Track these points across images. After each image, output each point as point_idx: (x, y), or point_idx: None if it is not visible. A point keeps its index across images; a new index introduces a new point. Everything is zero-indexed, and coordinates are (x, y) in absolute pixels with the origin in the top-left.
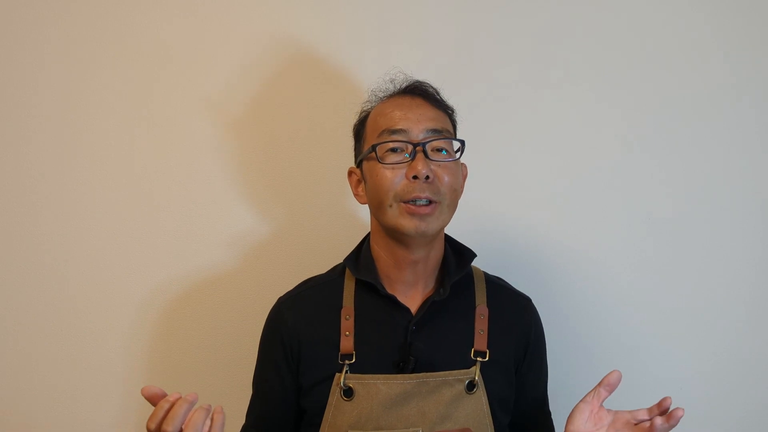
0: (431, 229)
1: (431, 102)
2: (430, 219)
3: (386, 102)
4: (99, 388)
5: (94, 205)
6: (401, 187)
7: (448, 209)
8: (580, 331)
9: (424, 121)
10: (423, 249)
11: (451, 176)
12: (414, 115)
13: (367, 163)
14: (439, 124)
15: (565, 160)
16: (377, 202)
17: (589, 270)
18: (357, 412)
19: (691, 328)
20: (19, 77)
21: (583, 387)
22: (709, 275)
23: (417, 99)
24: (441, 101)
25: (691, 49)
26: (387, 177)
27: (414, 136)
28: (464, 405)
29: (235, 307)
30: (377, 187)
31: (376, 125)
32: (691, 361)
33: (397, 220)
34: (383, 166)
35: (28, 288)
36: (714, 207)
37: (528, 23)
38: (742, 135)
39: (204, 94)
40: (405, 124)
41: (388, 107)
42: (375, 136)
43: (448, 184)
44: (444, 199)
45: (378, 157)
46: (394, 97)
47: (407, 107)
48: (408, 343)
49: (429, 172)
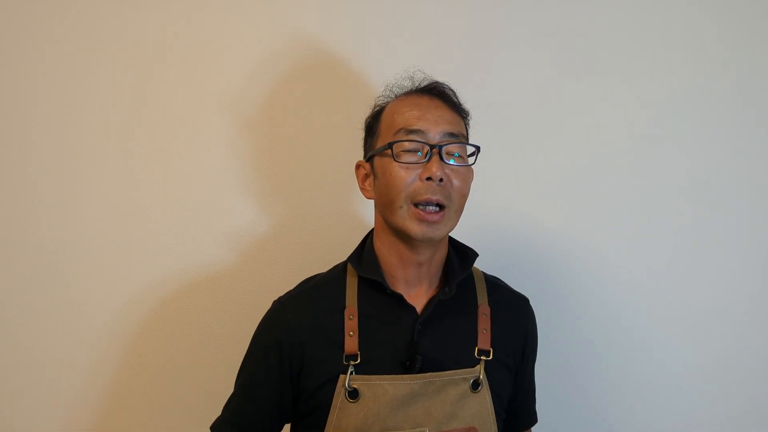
0: (438, 236)
1: (449, 105)
2: (437, 225)
3: (403, 100)
4: (96, 387)
5: (93, 203)
6: (414, 187)
7: (455, 215)
8: (582, 331)
9: (441, 123)
10: (428, 251)
11: (463, 182)
12: (432, 116)
13: (379, 160)
14: (456, 128)
15: (569, 161)
16: (387, 200)
17: (592, 271)
18: (363, 414)
19: (696, 328)
20: (21, 76)
21: (585, 387)
22: (713, 276)
23: (435, 100)
24: (458, 104)
25: (699, 52)
26: (401, 176)
27: (431, 137)
28: (470, 404)
29: (235, 305)
30: (390, 185)
31: (393, 122)
32: (693, 361)
33: (405, 222)
34: (398, 165)
35: (26, 286)
36: (720, 208)
37: (538, 23)
38: (750, 138)
39: (206, 92)
40: (423, 125)
41: (405, 106)
42: (391, 134)
43: (459, 189)
44: (452, 204)
45: (394, 155)
46: (412, 95)
47: (425, 107)
48: (415, 342)
49: (443, 175)
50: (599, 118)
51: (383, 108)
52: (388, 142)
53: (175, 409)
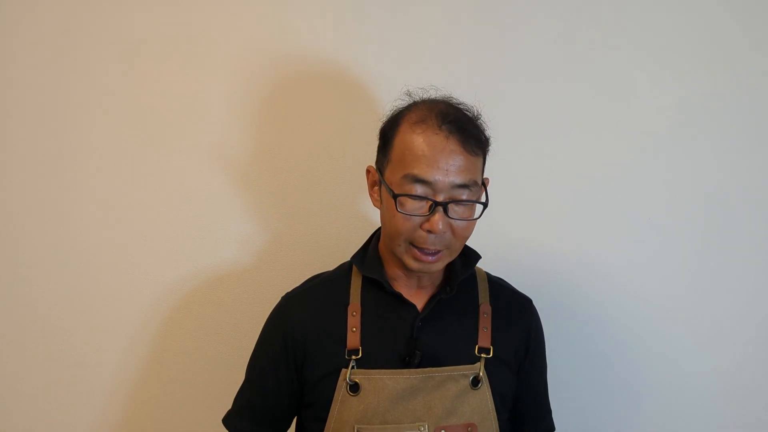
0: (434, 270)
1: (465, 147)
2: (434, 264)
3: (418, 133)
4: (103, 389)
5: (97, 206)
6: (415, 235)
7: (455, 253)
8: (584, 333)
9: (452, 173)
10: (427, 274)
11: (467, 231)
12: (444, 164)
13: (385, 192)
14: (468, 176)
15: (570, 164)
16: (388, 233)
17: (595, 273)
18: (363, 407)
19: (696, 330)
20: (21, 75)
21: (586, 388)
22: (713, 278)
23: (452, 140)
24: (475, 141)
25: (697, 53)
26: (402, 223)
27: (439, 188)
28: (469, 400)
29: (240, 307)
30: (391, 225)
31: (403, 158)
32: (695, 362)
33: (403, 257)
34: (401, 214)
35: (32, 289)
36: (721, 211)
37: (537, 30)
38: (748, 140)
39: (211, 94)
40: (431, 175)
41: (419, 142)
42: (399, 175)
43: (461, 237)
44: (452, 248)
45: (396, 204)
46: (429, 127)
47: (440, 150)
48: (414, 338)
49: (446, 229)
50: (603, 118)
51: (399, 122)
52: (394, 193)
53: (188, 408)
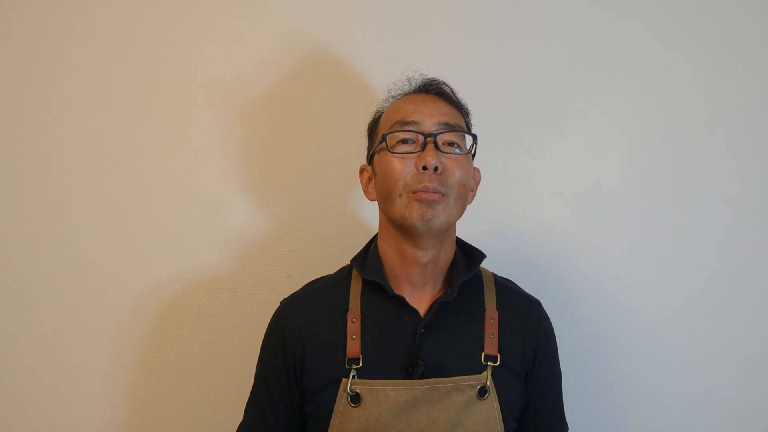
0: (437, 222)
1: (446, 99)
2: (437, 207)
3: (400, 99)
4: (95, 390)
5: (91, 203)
6: (410, 177)
7: (455, 203)
8: (590, 334)
9: (437, 114)
10: (432, 248)
11: (461, 170)
12: (427, 108)
13: (377, 156)
14: (452, 119)
15: (578, 163)
16: (386, 192)
17: (601, 273)
18: (365, 419)
19: (705, 330)
20: (21, 76)
21: (595, 390)
22: (722, 278)
23: (431, 96)
24: (456, 100)
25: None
26: (396, 167)
27: (426, 128)
28: (476, 411)
29: (236, 307)
30: (387, 176)
31: (389, 119)
32: (700, 362)
33: (405, 211)
34: (393, 156)
35: (25, 288)
36: (729, 210)
37: (542, 26)
38: (752, 141)
39: (206, 91)
40: (417, 117)
41: (401, 103)
42: (387, 128)
43: (458, 178)
44: (452, 193)
45: (388, 147)
46: (409, 94)
47: (421, 102)
48: (417, 347)
49: (438, 164)
50: (607, 119)
51: (383, 112)
52: (382, 134)
53: (188, 408)
